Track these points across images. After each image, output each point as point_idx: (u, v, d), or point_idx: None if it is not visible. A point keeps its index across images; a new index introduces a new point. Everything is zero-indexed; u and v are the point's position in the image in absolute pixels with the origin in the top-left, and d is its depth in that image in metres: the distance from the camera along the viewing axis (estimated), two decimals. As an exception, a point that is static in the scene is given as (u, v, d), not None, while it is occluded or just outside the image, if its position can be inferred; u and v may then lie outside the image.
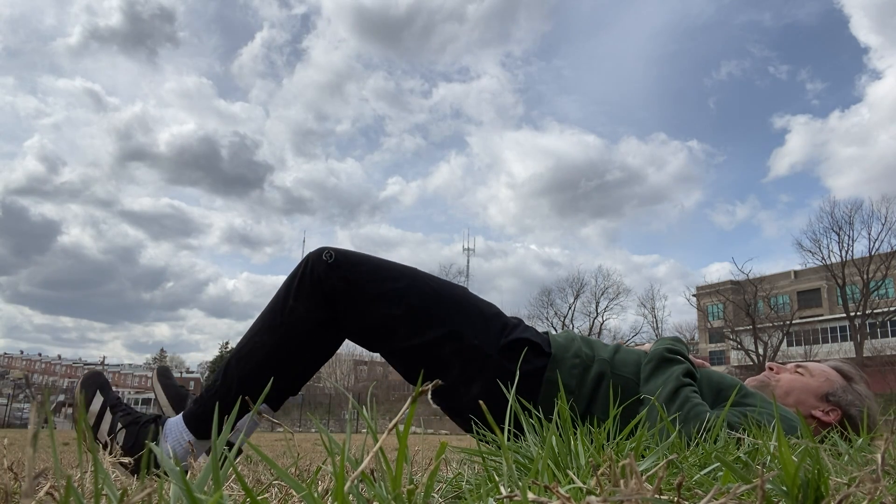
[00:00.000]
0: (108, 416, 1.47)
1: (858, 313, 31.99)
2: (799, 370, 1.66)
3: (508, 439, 0.71)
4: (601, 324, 41.47)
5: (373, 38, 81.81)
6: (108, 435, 1.45)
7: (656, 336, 38.32)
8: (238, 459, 1.37)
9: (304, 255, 1.49)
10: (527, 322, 1.65)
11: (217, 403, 1.41)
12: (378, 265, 1.49)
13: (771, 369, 1.71)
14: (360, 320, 1.46)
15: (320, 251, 1.46)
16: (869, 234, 32.88)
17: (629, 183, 67.37)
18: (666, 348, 1.52)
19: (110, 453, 1.43)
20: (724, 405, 1.44)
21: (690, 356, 1.58)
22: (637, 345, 1.77)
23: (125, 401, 1.55)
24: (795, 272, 39.05)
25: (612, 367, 1.52)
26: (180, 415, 1.48)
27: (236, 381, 1.43)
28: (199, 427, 1.44)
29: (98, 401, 1.49)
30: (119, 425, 1.46)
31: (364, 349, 1.54)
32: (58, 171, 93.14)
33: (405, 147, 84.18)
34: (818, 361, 1.74)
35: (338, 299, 1.44)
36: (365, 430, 0.60)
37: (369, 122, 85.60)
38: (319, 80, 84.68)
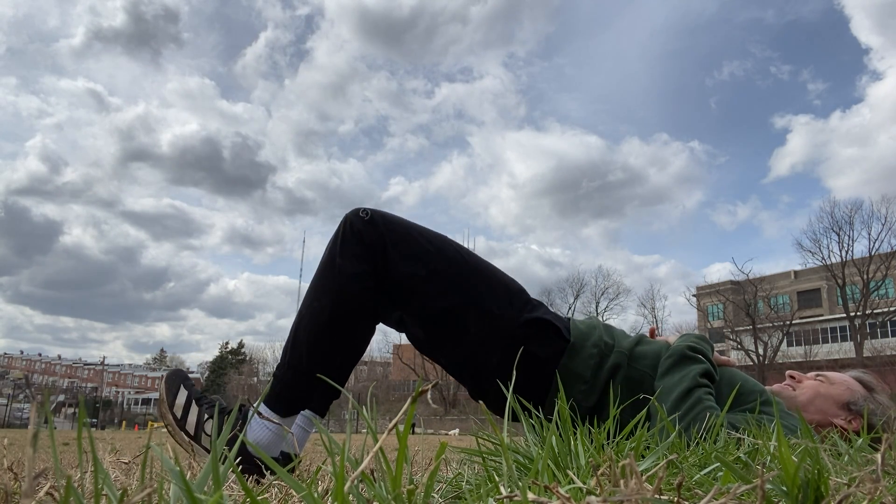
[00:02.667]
0: (194, 408, 1.50)
1: (858, 313, 31.98)
2: (819, 378, 1.66)
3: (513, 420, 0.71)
4: (601, 324, 41.39)
5: (376, 39, 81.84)
6: (196, 426, 1.47)
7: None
8: (289, 466, 1.37)
9: (342, 218, 1.51)
10: None
11: (294, 379, 1.43)
12: (410, 226, 1.52)
13: (792, 377, 1.70)
14: (388, 278, 1.48)
15: (356, 210, 1.50)
16: (869, 235, 32.89)
17: (631, 183, 67.40)
18: (688, 346, 1.50)
19: (200, 444, 1.46)
20: (739, 409, 1.43)
21: (714, 355, 1.56)
22: (661, 336, 1.74)
23: (126, 400, 1.56)
24: (795, 272, 39.04)
25: (629, 360, 1.51)
26: (260, 401, 1.50)
27: (306, 348, 1.44)
28: (282, 405, 1.45)
29: (183, 394, 1.51)
30: (206, 416, 1.48)
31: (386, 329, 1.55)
32: (60, 171, 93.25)
33: (408, 147, 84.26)
34: (832, 366, 1.74)
35: (376, 253, 1.46)
36: (365, 430, 0.60)
37: (372, 122, 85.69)
38: (322, 80, 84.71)
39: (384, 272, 1.47)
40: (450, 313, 1.50)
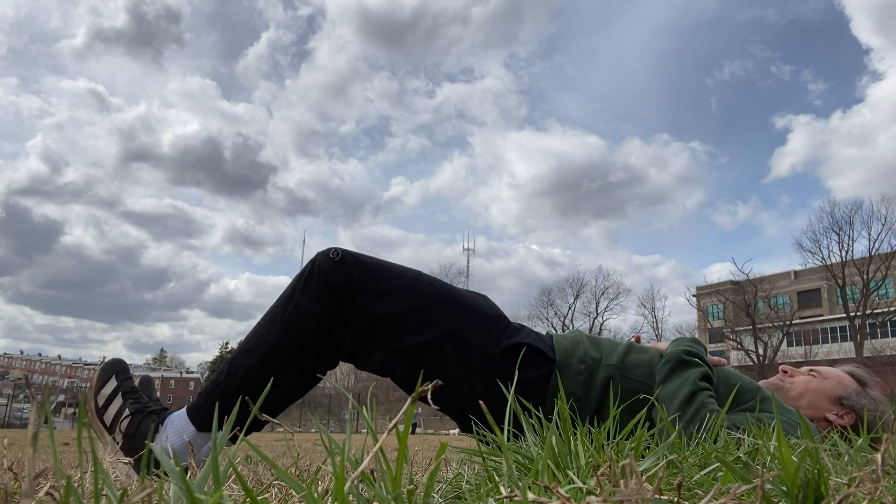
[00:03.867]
0: (117, 401, 1.48)
1: (858, 313, 31.98)
2: (812, 373, 1.66)
3: (508, 440, 0.71)
4: (601, 324, 41.49)
5: (377, 40, 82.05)
6: (114, 419, 1.46)
7: (657, 336, 38.29)
8: (238, 460, 1.37)
9: (313, 255, 1.51)
10: (527, 323, 1.64)
11: (220, 397, 1.43)
12: (382, 265, 1.51)
13: (785, 372, 1.70)
14: (362, 318, 1.47)
15: (328, 251, 1.49)
16: (869, 235, 32.93)
17: (631, 184, 67.56)
18: (684, 350, 1.49)
19: (112, 437, 1.45)
20: (738, 409, 1.43)
21: (707, 357, 1.56)
22: (650, 342, 1.73)
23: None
24: (795, 272, 39.03)
25: (621, 371, 1.49)
26: (184, 408, 1.49)
27: (240, 375, 1.44)
28: (202, 420, 1.45)
29: (111, 385, 1.50)
30: (126, 412, 1.46)
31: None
32: (61, 171, 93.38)
33: (409, 147, 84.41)
34: (831, 366, 1.74)
35: (342, 296, 1.45)
36: (365, 430, 0.60)
37: (373, 122, 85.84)
38: (323, 81, 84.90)
39: (355, 314, 1.46)
40: (428, 348, 1.47)
